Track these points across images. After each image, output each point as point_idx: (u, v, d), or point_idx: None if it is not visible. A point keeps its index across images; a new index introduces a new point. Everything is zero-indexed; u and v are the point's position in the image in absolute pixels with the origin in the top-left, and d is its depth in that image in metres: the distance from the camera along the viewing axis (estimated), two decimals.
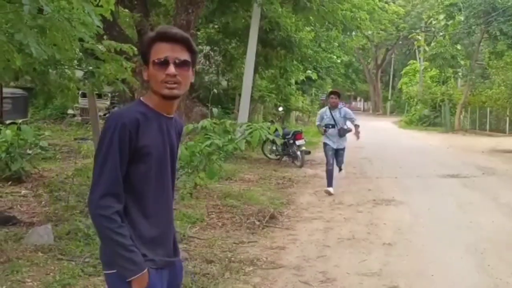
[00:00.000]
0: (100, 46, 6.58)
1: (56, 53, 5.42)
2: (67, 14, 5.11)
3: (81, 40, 5.76)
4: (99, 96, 20.88)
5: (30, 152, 9.67)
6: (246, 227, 7.19)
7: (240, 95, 16.42)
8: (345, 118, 10.19)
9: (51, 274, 4.96)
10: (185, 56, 2.35)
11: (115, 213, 2.20)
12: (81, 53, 6.89)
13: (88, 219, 6.46)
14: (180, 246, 6.08)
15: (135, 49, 6.71)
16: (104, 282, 4.69)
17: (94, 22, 4.33)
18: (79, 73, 7.48)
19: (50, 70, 6.43)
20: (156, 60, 2.30)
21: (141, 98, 2.40)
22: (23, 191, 8.47)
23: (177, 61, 2.32)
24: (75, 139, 15.95)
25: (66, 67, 6.45)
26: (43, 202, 7.80)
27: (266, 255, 6.10)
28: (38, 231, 5.92)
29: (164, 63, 2.30)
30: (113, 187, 2.22)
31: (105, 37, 8.35)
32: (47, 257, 5.37)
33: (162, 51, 2.30)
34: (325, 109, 10.46)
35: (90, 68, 6.82)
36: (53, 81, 6.52)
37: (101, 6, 4.67)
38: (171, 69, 2.29)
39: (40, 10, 4.65)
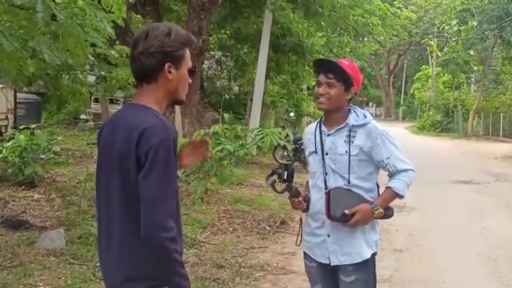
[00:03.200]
0: (112, 51, 6.65)
1: (68, 59, 5.48)
2: (79, 20, 5.16)
3: (93, 45, 5.82)
4: (112, 101, 21.05)
5: (43, 156, 9.74)
6: (256, 233, 7.19)
7: (251, 100, 16.46)
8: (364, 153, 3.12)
9: (62, 278, 5.00)
10: None
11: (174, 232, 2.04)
12: (93, 58, 6.95)
13: None
14: (191, 251, 6.12)
15: None
16: None
17: (106, 28, 4.37)
18: (91, 78, 7.55)
19: (62, 75, 6.49)
20: (192, 69, 2.26)
21: (146, 105, 2.16)
22: (36, 196, 8.53)
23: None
24: (88, 144, 16.04)
25: (79, 72, 6.51)
26: (55, 207, 7.85)
27: (277, 261, 6.09)
28: (50, 235, 5.96)
29: (193, 73, 2.29)
30: (173, 206, 2.07)
31: (117, 42, 8.41)
32: (59, 261, 5.41)
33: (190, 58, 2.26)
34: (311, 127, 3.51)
35: (102, 72, 6.89)
36: (66, 86, 6.59)
37: (113, 12, 4.72)
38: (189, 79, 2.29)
39: (54, 16, 4.71)
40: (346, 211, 2.96)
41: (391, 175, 3.08)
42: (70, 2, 4.49)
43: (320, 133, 3.12)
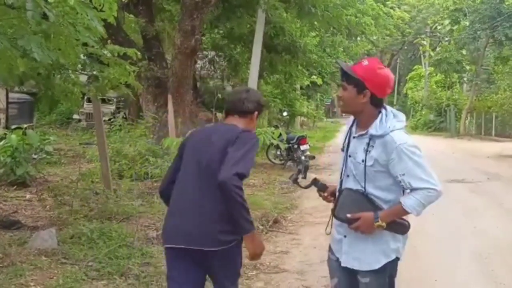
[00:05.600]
0: (104, 51, 6.61)
1: (60, 58, 5.44)
2: (71, 19, 5.13)
3: (85, 44, 5.78)
4: (104, 101, 20.97)
5: (35, 156, 9.71)
6: None
7: None
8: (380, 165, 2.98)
9: (54, 278, 4.97)
10: None
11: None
12: (85, 58, 6.92)
13: (92, 223, 6.50)
14: None
15: (139, 53, 6.74)
16: (107, 286, 4.71)
17: (97, 27, 4.35)
18: (83, 78, 7.51)
19: (54, 75, 6.45)
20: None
21: (236, 124, 3.30)
22: (28, 196, 8.49)
23: None
24: (80, 144, 16.01)
25: (70, 71, 6.47)
26: (47, 207, 7.82)
27: (269, 260, 6.09)
28: (42, 235, 5.93)
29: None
30: (247, 173, 3.03)
31: (109, 41, 8.38)
32: (51, 261, 5.38)
33: None
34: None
35: (94, 72, 6.85)
36: (58, 86, 6.54)
37: (104, 11, 4.69)
38: None
39: (45, 15, 4.68)
40: (348, 215, 2.95)
41: (409, 192, 2.92)
42: (61, 1, 4.45)
43: (350, 133, 3.10)
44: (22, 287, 4.72)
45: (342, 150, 3.15)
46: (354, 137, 3.05)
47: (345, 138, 3.13)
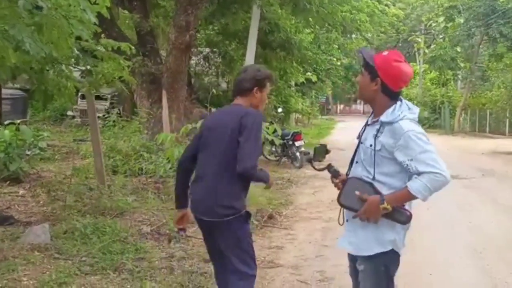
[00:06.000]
0: (98, 46, 6.55)
1: (53, 51, 5.39)
2: (64, 11, 5.08)
3: (79, 38, 5.73)
4: (99, 97, 20.87)
5: (28, 152, 9.63)
6: None
7: None
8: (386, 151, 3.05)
9: (47, 273, 4.93)
10: None
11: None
12: (78, 52, 6.86)
13: (86, 219, 6.46)
14: (178, 245, 6.09)
15: (133, 48, 6.70)
16: (101, 280, 4.68)
17: (90, 18, 4.30)
18: (76, 74, 7.46)
19: (47, 69, 6.39)
20: (268, 92, 3.84)
21: (239, 103, 3.69)
22: (21, 191, 8.43)
23: None
24: (74, 140, 15.91)
25: (64, 65, 6.41)
26: (40, 202, 7.77)
27: (264, 255, 6.08)
28: (35, 230, 5.88)
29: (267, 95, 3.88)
30: (257, 158, 3.53)
31: (103, 36, 8.32)
32: (44, 256, 5.34)
33: (269, 88, 3.79)
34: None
35: (88, 67, 6.79)
36: (51, 80, 6.47)
37: (97, 4, 4.65)
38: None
39: (38, 7, 4.63)
40: (357, 192, 2.98)
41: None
42: None
43: (367, 122, 3.20)
44: (14, 282, 4.68)
45: (358, 137, 3.23)
46: (368, 125, 3.16)
47: (362, 127, 3.22)
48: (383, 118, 3.01)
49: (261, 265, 5.65)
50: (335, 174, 3.24)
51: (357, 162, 3.15)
